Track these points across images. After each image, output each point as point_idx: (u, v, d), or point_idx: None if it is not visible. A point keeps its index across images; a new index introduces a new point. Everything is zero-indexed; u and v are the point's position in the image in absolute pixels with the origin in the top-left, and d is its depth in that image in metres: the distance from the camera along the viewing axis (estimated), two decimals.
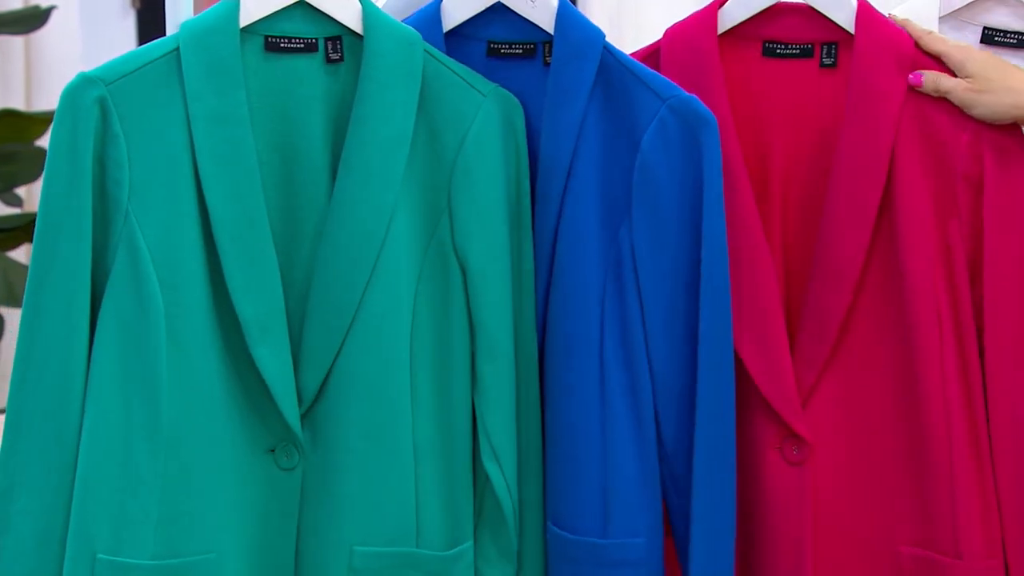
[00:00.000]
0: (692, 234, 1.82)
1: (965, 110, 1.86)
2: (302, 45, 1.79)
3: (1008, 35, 1.99)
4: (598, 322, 1.83)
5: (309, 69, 1.79)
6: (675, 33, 1.92)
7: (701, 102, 1.82)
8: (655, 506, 1.84)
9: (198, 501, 1.75)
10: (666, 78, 1.84)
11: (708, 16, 1.92)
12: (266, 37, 1.78)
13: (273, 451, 1.78)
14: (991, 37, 1.99)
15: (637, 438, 1.83)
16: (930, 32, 1.90)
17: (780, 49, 1.93)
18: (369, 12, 1.80)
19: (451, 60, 1.83)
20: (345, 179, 1.78)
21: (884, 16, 1.91)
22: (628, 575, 1.83)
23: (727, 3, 1.93)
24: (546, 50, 1.89)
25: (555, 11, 1.86)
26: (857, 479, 1.88)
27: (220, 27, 1.75)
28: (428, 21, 1.90)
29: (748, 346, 1.86)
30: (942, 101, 1.86)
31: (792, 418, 1.86)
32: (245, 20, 1.77)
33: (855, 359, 1.88)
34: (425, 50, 1.81)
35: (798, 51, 1.93)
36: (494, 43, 1.91)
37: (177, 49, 1.75)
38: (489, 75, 1.87)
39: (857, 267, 1.86)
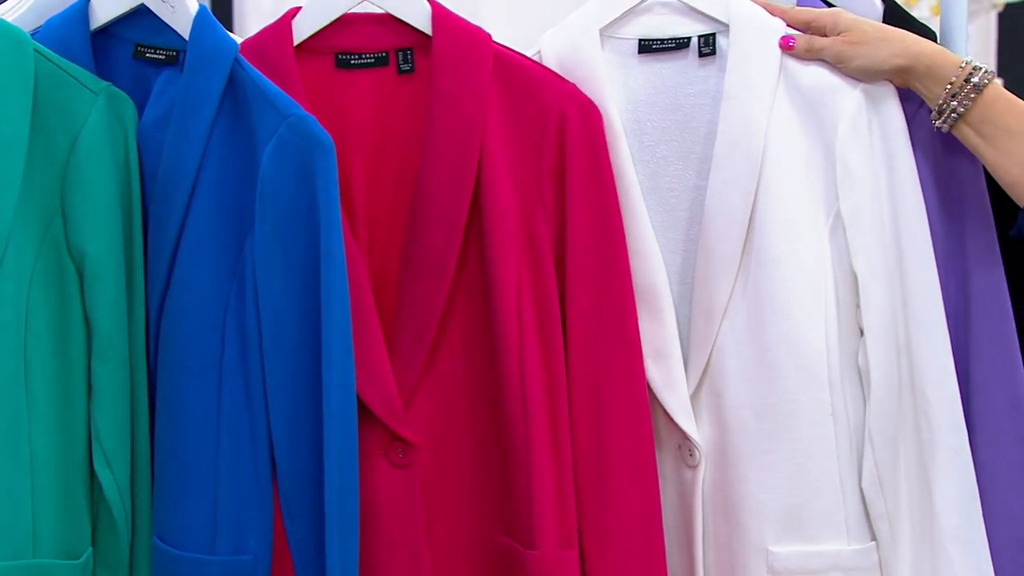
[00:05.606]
0: (307, 252, 1.79)
1: (842, 65, 1.87)
2: None
3: (665, 42, 1.96)
4: (219, 335, 1.81)
5: None
6: (250, 47, 1.87)
7: (317, 122, 1.78)
8: (267, 525, 1.82)
9: None
10: (289, 96, 1.80)
11: (282, 28, 1.89)
12: None
13: None
14: (649, 46, 1.96)
15: (252, 455, 1.81)
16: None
17: (354, 60, 1.91)
18: None
19: (62, 59, 1.81)
20: None
21: (459, 16, 1.88)
22: None
23: (298, 15, 1.89)
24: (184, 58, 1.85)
25: (192, 18, 1.83)
26: (460, 475, 1.89)
27: None
28: (75, 19, 1.87)
29: None
30: (529, 93, 1.86)
31: (394, 422, 1.86)
32: None
33: (453, 357, 1.88)
34: (35, 49, 1.78)
35: (373, 60, 1.91)
36: (141, 46, 1.88)
37: None
38: (133, 77, 1.85)
39: (451, 266, 1.85)
